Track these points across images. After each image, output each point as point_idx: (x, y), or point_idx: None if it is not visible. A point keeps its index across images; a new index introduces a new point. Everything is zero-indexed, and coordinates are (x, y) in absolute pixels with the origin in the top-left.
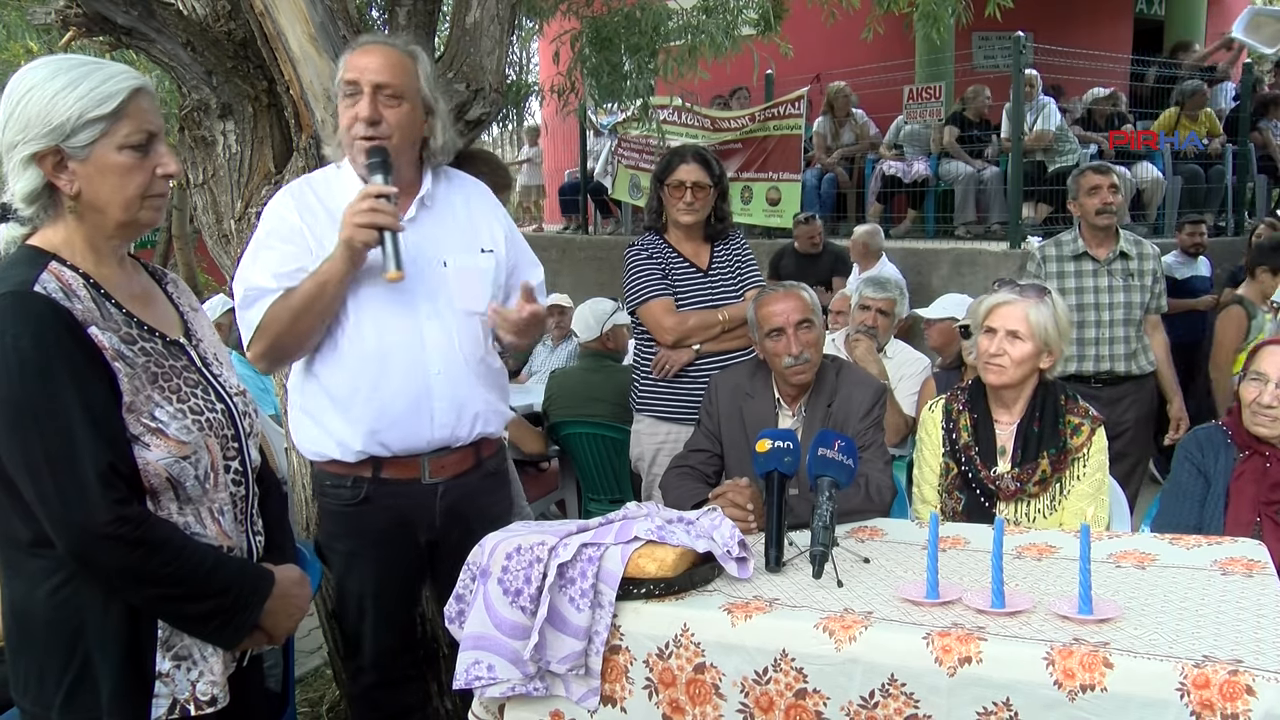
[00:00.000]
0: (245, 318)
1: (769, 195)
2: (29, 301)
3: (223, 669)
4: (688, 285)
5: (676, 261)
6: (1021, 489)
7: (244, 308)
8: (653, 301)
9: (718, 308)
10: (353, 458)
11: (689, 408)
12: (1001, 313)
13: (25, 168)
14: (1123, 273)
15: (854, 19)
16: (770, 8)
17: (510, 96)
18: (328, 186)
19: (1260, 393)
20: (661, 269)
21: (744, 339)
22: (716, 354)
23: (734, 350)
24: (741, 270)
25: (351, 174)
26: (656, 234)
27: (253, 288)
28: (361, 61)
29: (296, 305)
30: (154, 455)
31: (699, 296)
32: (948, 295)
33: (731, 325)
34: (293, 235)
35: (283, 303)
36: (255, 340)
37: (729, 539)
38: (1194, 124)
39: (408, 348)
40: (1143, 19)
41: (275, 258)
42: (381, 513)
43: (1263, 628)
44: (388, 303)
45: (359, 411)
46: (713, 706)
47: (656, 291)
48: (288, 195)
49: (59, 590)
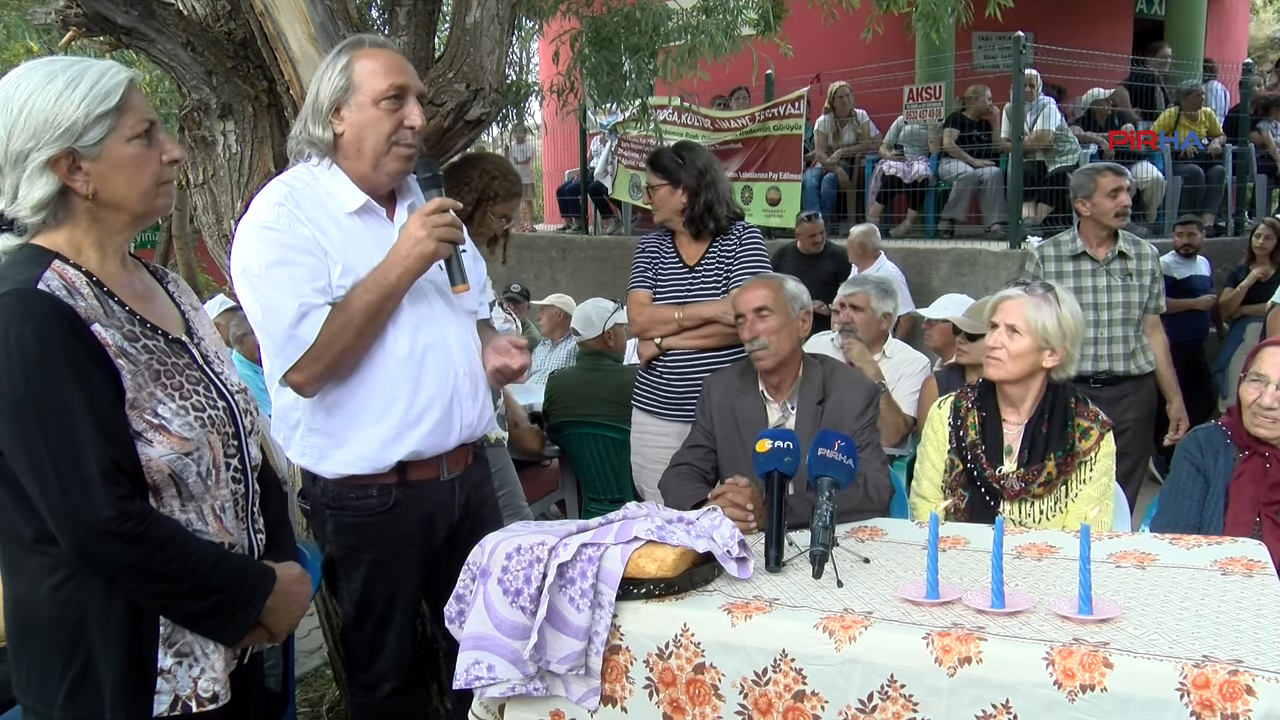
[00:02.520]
0: (296, 337)
1: (769, 195)
2: (32, 299)
3: (224, 666)
4: (669, 280)
5: (668, 257)
6: (1026, 489)
7: (293, 326)
8: (630, 292)
9: (697, 304)
10: (382, 469)
11: (659, 401)
12: (1004, 307)
13: (41, 175)
14: (1121, 272)
15: (854, 19)
16: (770, 8)
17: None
18: (324, 190)
19: (1261, 394)
20: (650, 262)
21: (715, 339)
22: (685, 351)
23: (704, 349)
24: (732, 269)
25: (343, 176)
26: (664, 230)
27: (305, 304)
28: (396, 64)
29: (360, 320)
30: (156, 452)
31: (678, 291)
32: (948, 295)
33: (691, 324)
34: (310, 246)
35: (341, 318)
36: (309, 361)
37: (729, 539)
38: (1194, 124)
39: (439, 351)
40: (1143, 19)
41: (304, 273)
42: (409, 516)
43: (1263, 628)
44: (412, 309)
45: (396, 420)
46: (712, 708)
47: (636, 283)
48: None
49: (61, 587)
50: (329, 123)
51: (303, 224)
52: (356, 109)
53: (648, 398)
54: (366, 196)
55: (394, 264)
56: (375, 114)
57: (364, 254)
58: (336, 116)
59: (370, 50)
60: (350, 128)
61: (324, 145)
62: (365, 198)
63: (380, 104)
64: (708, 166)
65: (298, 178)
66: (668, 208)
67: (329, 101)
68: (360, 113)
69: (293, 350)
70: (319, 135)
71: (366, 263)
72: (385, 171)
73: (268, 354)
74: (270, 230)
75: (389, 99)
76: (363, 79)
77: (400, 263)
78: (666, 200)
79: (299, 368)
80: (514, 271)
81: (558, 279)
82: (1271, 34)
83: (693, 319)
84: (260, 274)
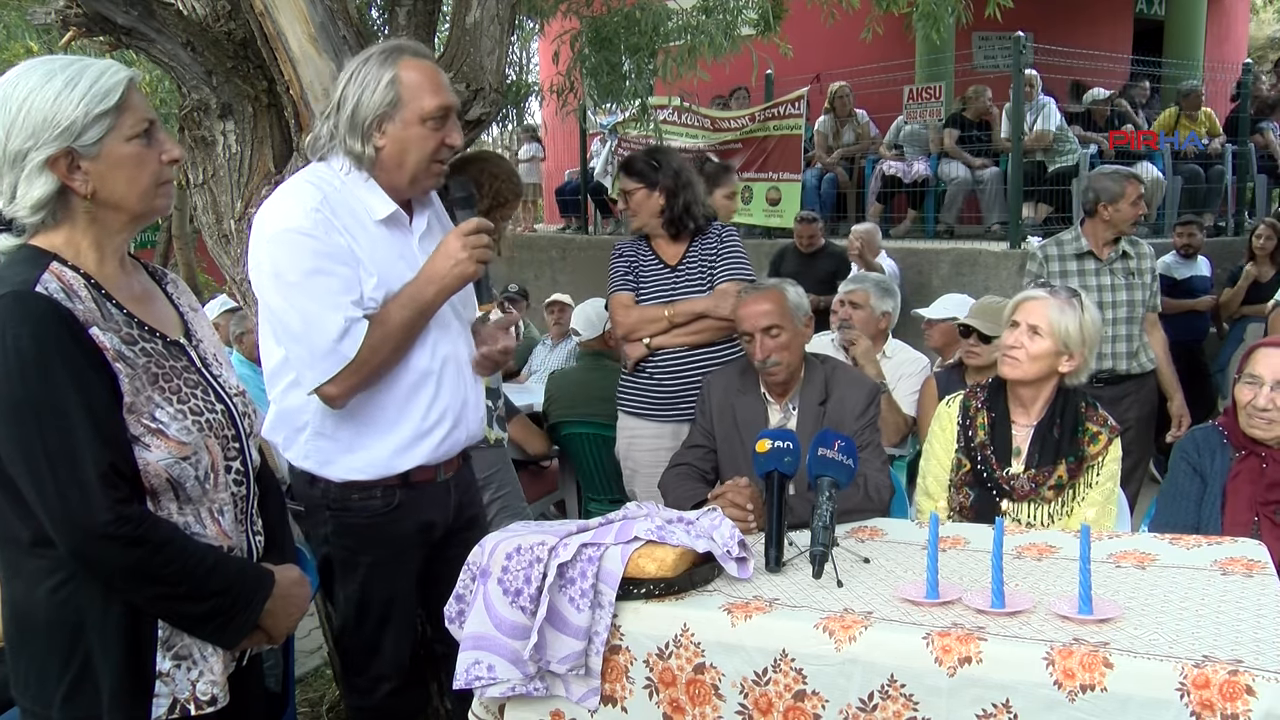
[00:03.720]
0: (339, 351)
1: (769, 195)
2: (30, 301)
3: (223, 669)
4: (652, 281)
5: (647, 260)
6: (1036, 490)
7: (337, 340)
8: (611, 296)
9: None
10: (389, 476)
11: (650, 402)
12: (1027, 307)
13: (39, 174)
14: (1125, 271)
15: (854, 19)
16: (770, 8)
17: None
18: (354, 197)
19: (1255, 395)
20: (629, 265)
21: (705, 335)
22: (674, 349)
23: (695, 346)
24: (716, 266)
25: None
26: (640, 235)
27: (350, 318)
28: (441, 81)
29: (398, 335)
30: (154, 456)
31: (662, 292)
32: (948, 295)
33: (680, 320)
34: (345, 257)
35: (379, 333)
36: (348, 375)
37: (729, 539)
38: (1194, 124)
39: (455, 363)
40: (1143, 19)
41: (342, 284)
42: (410, 517)
43: (1263, 628)
44: (433, 322)
45: (410, 430)
46: (712, 708)
47: (617, 287)
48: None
49: (59, 590)
50: (370, 135)
51: (339, 232)
52: (402, 125)
53: (637, 400)
54: (396, 206)
55: (430, 281)
56: (421, 132)
57: (390, 263)
58: (379, 131)
59: (414, 62)
60: (393, 143)
61: (364, 160)
62: (395, 207)
63: (427, 123)
64: (682, 168)
65: (326, 181)
66: (646, 211)
67: (373, 115)
68: (405, 129)
69: (333, 364)
70: (358, 150)
71: (392, 271)
72: (421, 187)
73: (301, 364)
74: (307, 237)
75: (435, 119)
76: (410, 96)
77: (437, 280)
78: (644, 204)
79: (337, 381)
80: (514, 271)
81: (558, 279)
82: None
83: (684, 315)
84: (298, 282)
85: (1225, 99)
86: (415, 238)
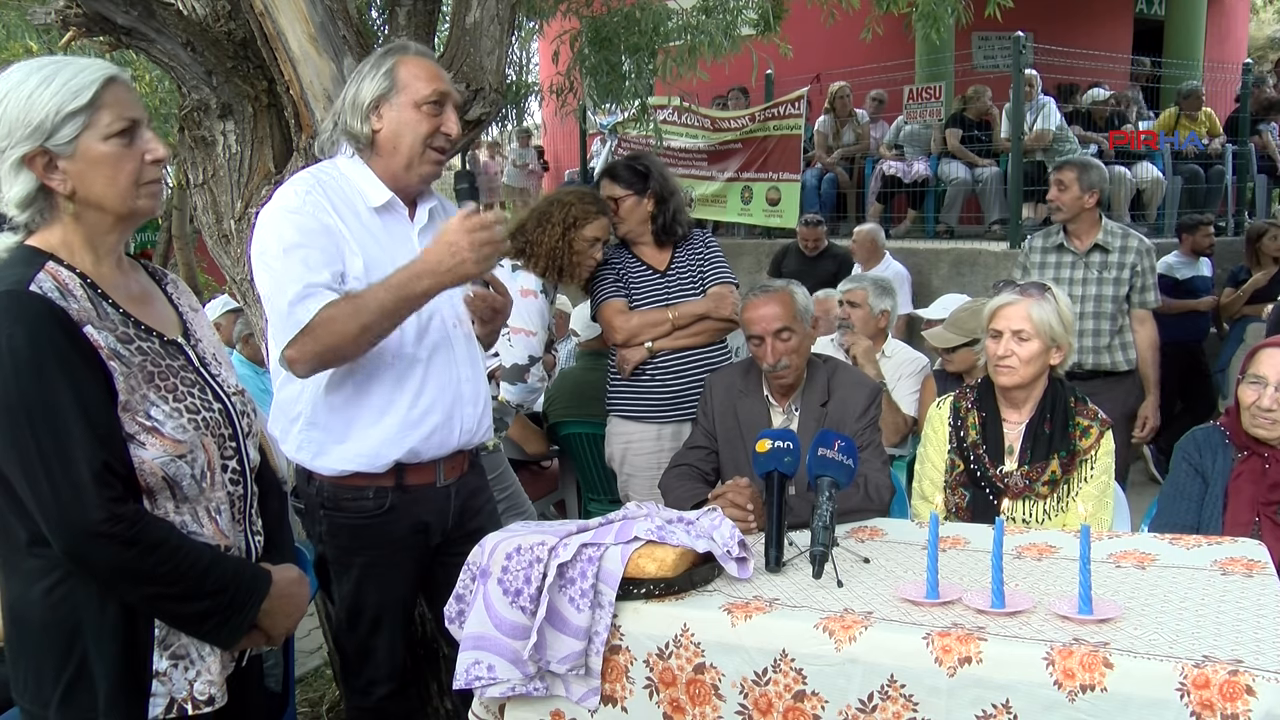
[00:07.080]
0: (294, 314)
1: (769, 195)
2: (25, 301)
3: (220, 669)
4: (644, 287)
5: (633, 265)
6: (1030, 487)
7: (294, 304)
8: (604, 304)
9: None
10: (379, 468)
11: (649, 405)
12: (1005, 314)
13: (17, 172)
14: (1099, 265)
15: (854, 19)
16: (770, 8)
17: (510, 96)
18: (349, 184)
19: (1260, 396)
20: (616, 273)
21: (704, 335)
22: (674, 351)
23: (694, 347)
24: (704, 269)
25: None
26: (621, 243)
27: (311, 285)
28: (438, 73)
29: (370, 315)
30: (149, 454)
31: (655, 297)
32: (948, 295)
33: (683, 322)
34: (330, 234)
35: (346, 309)
36: (301, 341)
37: (729, 539)
38: (1194, 124)
39: (444, 353)
40: (1143, 19)
41: (318, 257)
42: (403, 520)
43: (1263, 628)
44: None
45: (397, 420)
46: (712, 708)
47: (608, 294)
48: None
49: (55, 589)
50: (368, 118)
51: (328, 213)
52: (397, 109)
53: (634, 404)
54: (391, 194)
55: (424, 273)
56: (415, 116)
57: (383, 251)
58: (376, 114)
59: (415, 57)
60: (389, 125)
61: (361, 139)
62: (390, 194)
63: (422, 107)
64: (666, 173)
65: (325, 171)
66: (634, 218)
67: (371, 98)
68: (401, 113)
69: (290, 327)
70: (356, 129)
71: (384, 260)
72: (417, 173)
73: (271, 334)
74: (294, 214)
75: (430, 104)
76: (406, 81)
77: (431, 275)
78: (633, 210)
79: (294, 345)
80: None
81: None
82: (1271, 34)
83: (687, 317)
84: (277, 254)
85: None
86: (415, 229)
